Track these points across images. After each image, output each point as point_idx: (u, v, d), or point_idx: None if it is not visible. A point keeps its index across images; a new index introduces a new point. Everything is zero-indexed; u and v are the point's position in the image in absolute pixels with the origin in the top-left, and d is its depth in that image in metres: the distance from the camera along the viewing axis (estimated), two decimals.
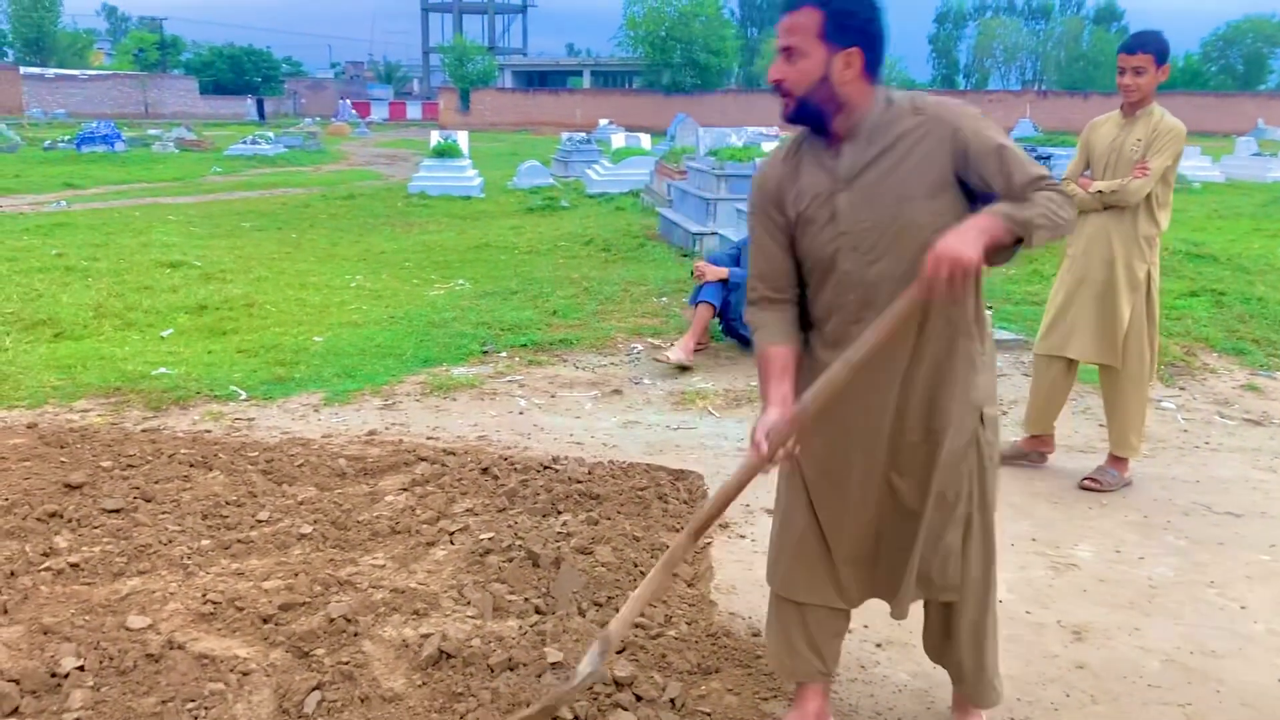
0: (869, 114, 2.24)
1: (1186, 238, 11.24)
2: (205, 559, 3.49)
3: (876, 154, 2.22)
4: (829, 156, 2.27)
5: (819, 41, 2.19)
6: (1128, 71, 4.24)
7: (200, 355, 6.41)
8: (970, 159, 2.17)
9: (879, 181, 2.21)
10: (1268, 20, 63.54)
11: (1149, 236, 4.32)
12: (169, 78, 66.91)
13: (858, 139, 2.24)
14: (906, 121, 2.22)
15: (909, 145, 2.20)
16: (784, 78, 2.23)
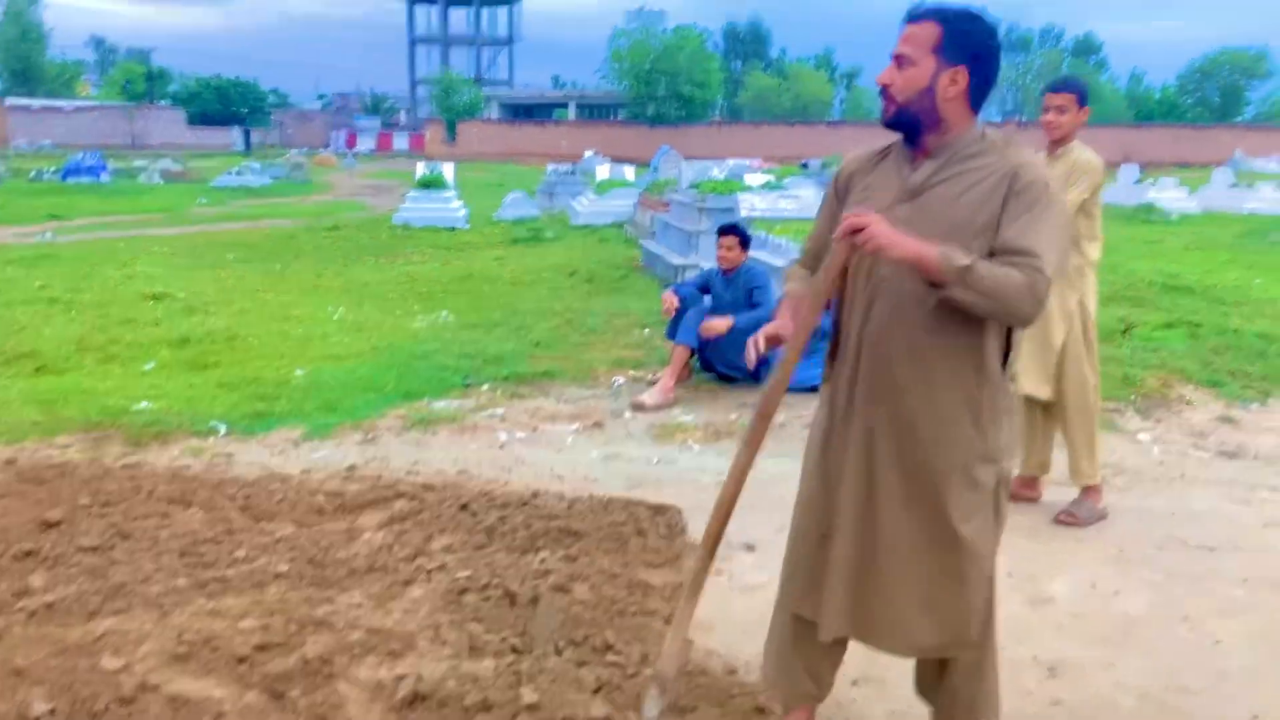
0: (960, 138, 2.34)
1: (1163, 269, 11.37)
2: (181, 598, 3.48)
3: (947, 177, 2.31)
4: (909, 167, 2.38)
5: (931, 54, 2.30)
6: (1050, 110, 4.40)
7: (182, 389, 6.40)
8: (1007, 205, 2.24)
9: (938, 204, 2.30)
10: (1243, 53, 64.47)
11: (1077, 267, 4.39)
12: (156, 109, 67.04)
13: (939, 159, 2.34)
14: (989, 157, 2.31)
15: (977, 179, 2.29)
16: (890, 83, 2.33)
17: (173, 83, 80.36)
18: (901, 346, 2.32)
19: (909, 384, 2.33)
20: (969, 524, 2.36)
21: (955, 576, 2.38)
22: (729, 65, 75.87)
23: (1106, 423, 5.89)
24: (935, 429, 2.34)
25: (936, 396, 2.33)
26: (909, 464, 2.36)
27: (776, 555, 3.93)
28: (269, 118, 77.39)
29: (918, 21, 2.32)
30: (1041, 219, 2.22)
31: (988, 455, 2.37)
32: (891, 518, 2.39)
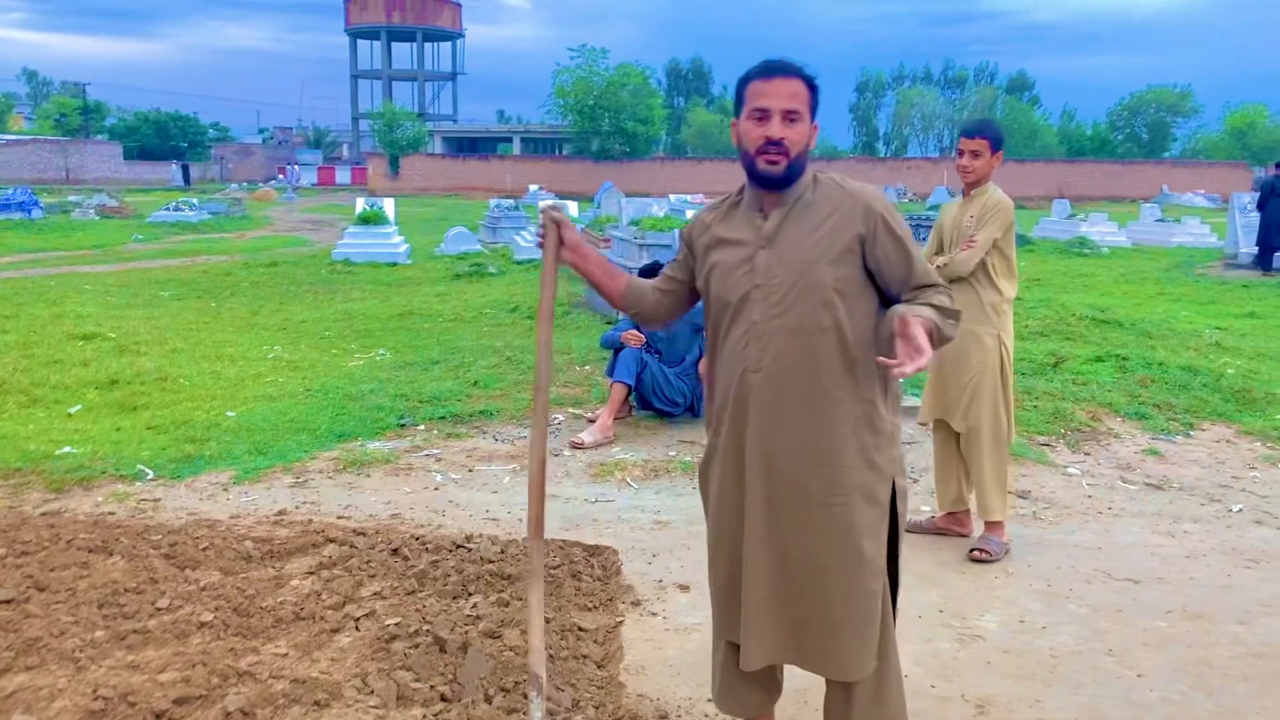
0: (800, 183, 2.50)
1: (1093, 303, 11.62)
2: (99, 651, 3.38)
3: (796, 220, 2.47)
4: (759, 217, 2.51)
5: (809, 111, 2.46)
6: (965, 154, 4.47)
7: (108, 433, 6.26)
8: (878, 240, 2.43)
9: (794, 244, 2.45)
10: (1169, 90, 66.48)
11: (994, 304, 4.46)
12: (92, 143, 65.89)
13: (785, 205, 2.49)
14: (828, 193, 2.49)
15: (824, 215, 2.45)
16: (785, 137, 2.41)
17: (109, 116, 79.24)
18: (791, 380, 2.43)
19: (803, 414, 2.44)
20: (868, 540, 2.46)
21: (860, 593, 2.46)
22: (672, 102, 76.67)
23: (1038, 456, 6.00)
24: (833, 453, 2.44)
25: (831, 423, 2.44)
26: (810, 489, 2.44)
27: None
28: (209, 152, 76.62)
29: (789, 78, 2.43)
30: (911, 246, 2.47)
31: (883, 472, 2.49)
32: (798, 544, 2.47)
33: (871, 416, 2.47)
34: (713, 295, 2.56)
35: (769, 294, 2.44)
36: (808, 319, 2.41)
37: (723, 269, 2.52)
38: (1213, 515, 5.12)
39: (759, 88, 2.43)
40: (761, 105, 2.42)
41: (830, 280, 2.41)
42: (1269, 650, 3.64)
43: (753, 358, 2.45)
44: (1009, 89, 78.34)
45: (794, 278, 2.42)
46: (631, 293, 2.75)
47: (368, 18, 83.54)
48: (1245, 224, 18.32)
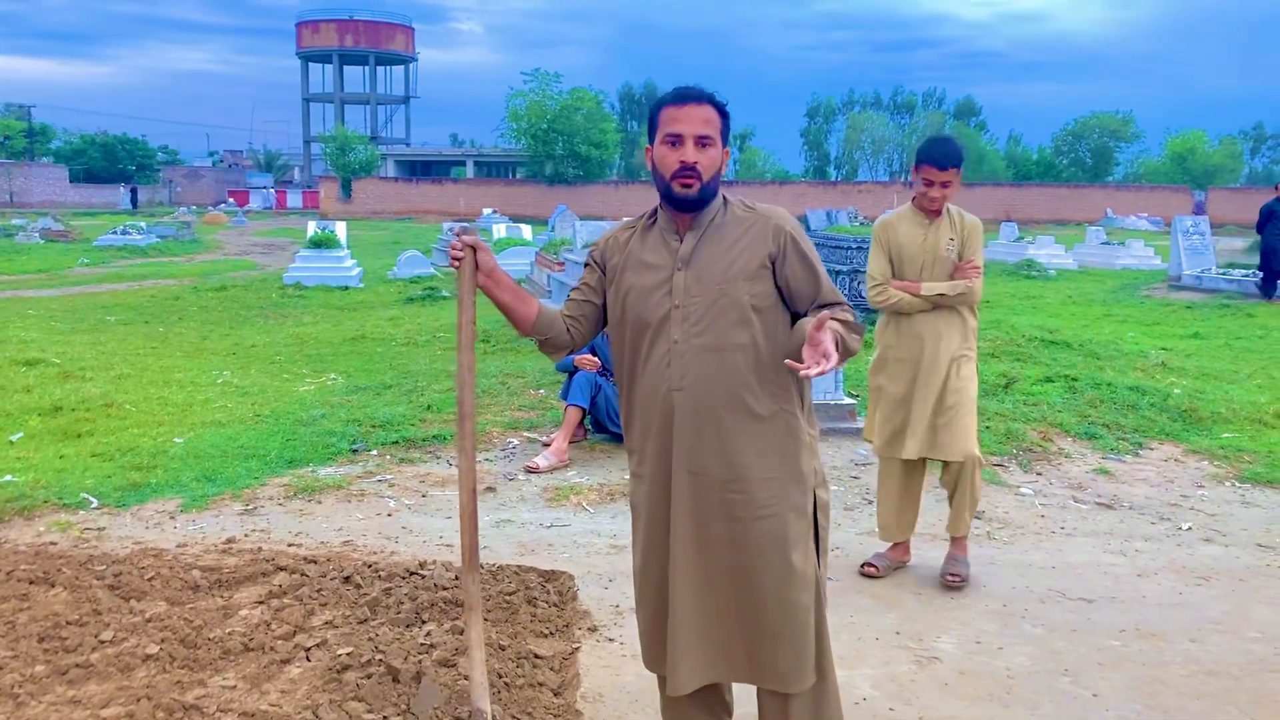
0: (712, 206, 2.57)
1: (1042, 324, 11.79)
2: (39, 687, 3.27)
3: (710, 241, 2.54)
4: (674, 239, 2.56)
5: (720, 136, 2.52)
6: (936, 185, 4.26)
7: (51, 460, 6.10)
8: (787, 257, 2.52)
9: (710, 264, 2.51)
10: (1112, 116, 67.99)
11: (974, 328, 4.46)
12: (36, 166, 64.79)
13: (699, 228, 2.55)
14: (738, 214, 2.57)
15: (737, 235, 2.54)
16: (698, 161, 2.47)
17: (55, 139, 77.98)
18: (713, 397, 2.48)
19: (727, 430, 2.48)
20: (796, 551, 2.51)
21: (793, 604, 2.50)
22: (625, 126, 77.05)
23: (991, 476, 6.04)
24: (759, 466, 2.49)
25: (755, 437, 2.49)
26: (738, 504, 2.49)
27: None
28: (158, 175, 75.65)
29: (700, 104, 2.48)
30: (818, 264, 2.56)
31: (806, 483, 2.55)
32: (728, 560, 2.50)
33: (792, 428, 2.54)
34: (630, 317, 2.58)
35: (688, 314, 2.49)
36: (726, 336, 2.47)
37: (640, 291, 2.56)
38: (1163, 534, 5.19)
39: (672, 114, 2.48)
40: (675, 130, 2.47)
41: (747, 297, 2.48)
42: (1220, 668, 3.68)
43: (674, 377, 2.49)
44: (957, 114, 79.67)
45: (713, 296, 2.48)
46: (541, 320, 2.69)
47: (320, 41, 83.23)
48: (1188, 246, 18.71)
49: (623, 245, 2.65)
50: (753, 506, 2.48)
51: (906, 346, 4.41)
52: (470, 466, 2.75)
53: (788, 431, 2.53)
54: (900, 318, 4.42)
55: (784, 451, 2.52)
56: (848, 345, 2.43)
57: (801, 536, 2.53)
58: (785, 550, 2.49)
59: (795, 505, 2.52)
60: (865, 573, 4.50)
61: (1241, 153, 69.91)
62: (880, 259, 4.42)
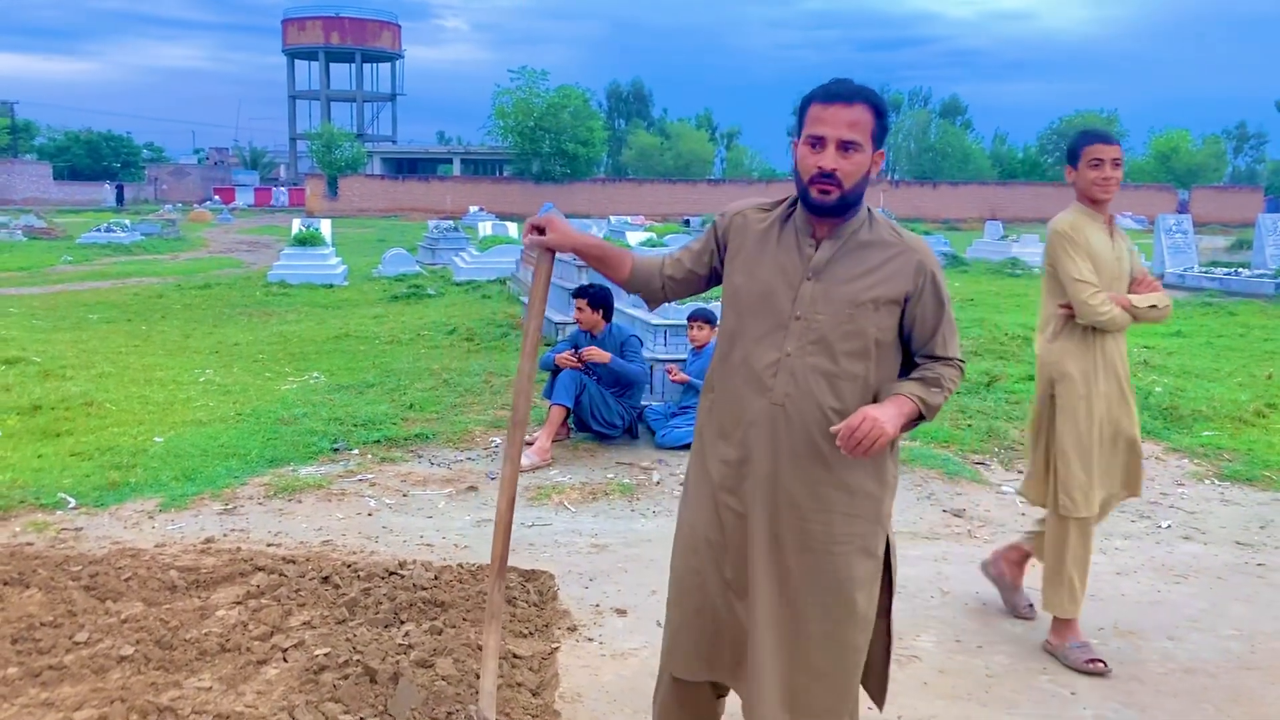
0: (858, 218, 2.39)
1: (1026, 323, 11.83)
2: (11, 689, 3.24)
3: (847, 256, 2.37)
4: (809, 244, 2.39)
5: (870, 140, 2.33)
6: (1107, 162, 3.69)
7: (29, 460, 6.06)
8: (922, 298, 2.38)
9: (843, 282, 2.35)
10: (1096, 115, 68.28)
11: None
12: (20, 163, 64.40)
13: (838, 238, 2.38)
14: (884, 237, 2.39)
15: (879, 260, 2.36)
16: (838, 168, 2.29)
17: (38, 136, 77.52)
18: (814, 421, 2.33)
19: (819, 457, 2.34)
20: (862, 591, 2.38)
21: (846, 645, 2.38)
22: (612, 124, 77.06)
23: (973, 475, 6.06)
24: (842, 500, 2.36)
25: (845, 469, 2.35)
26: (813, 534, 2.36)
27: (649, 619, 3.92)
28: (143, 172, 75.30)
29: (852, 104, 2.29)
30: (951, 317, 2.43)
31: (883, 524, 2.42)
32: (789, 589, 2.37)
33: (881, 467, 2.40)
34: (745, 311, 2.43)
35: (809, 329, 2.34)
36: (844, 364, 2.33)
37: (762, 289, 2.41)
38: (1142, 532, 5.21)
39: (817, 113, 2.31)
40: (817, 133, 2.30)
41: (874, 329, 2.34)
42: (1198, 666, 3.69)
43: (779, 390, 2.34)
44: (942, 113, 79.91)
45: (839, 318, 2.33)
46: (635, 278, 2.63)
47: (305, 38, 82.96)
48: (1171, 245, 18.82)
49: (751, 230, 2.47)
50: (829, 540, 2.35)
51: (1106, 377, 3.72)
52: (513, 475, 2.68)
53: (877, 470, 2.39)
54: (1094, 342, 3.71)
55: (869, 491, 2.38)
56: (928, 404, 2.34)
57: (869, 578, 2.39)
58: (850, 589, 2.36)
59: (869, 545, 2.38)
60: (1097, 669, 3.62)
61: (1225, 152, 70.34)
62: (1084, 265, 3.66)
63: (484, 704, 2.66)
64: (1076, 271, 3.65)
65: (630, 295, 2.80)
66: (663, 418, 6.80)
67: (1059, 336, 3.75)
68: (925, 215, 50.85)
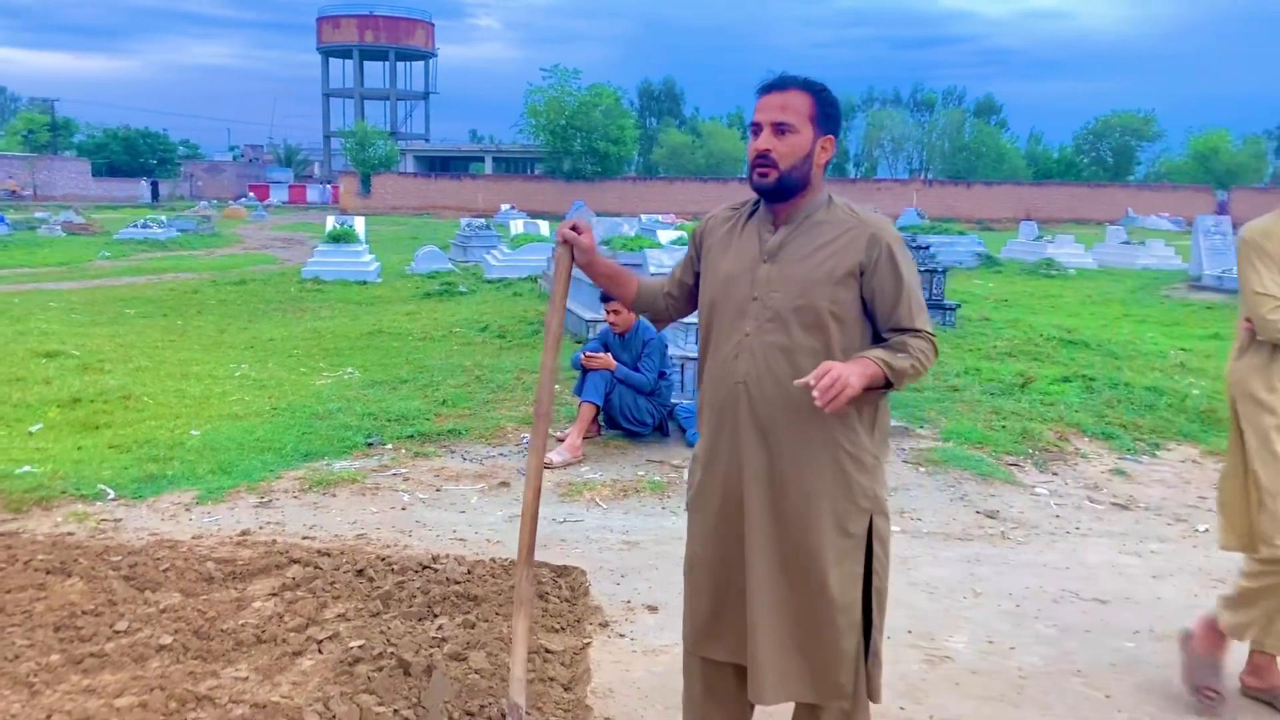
0: (812, 202, 2.50)
1: (1060, 324, 11.73)
2: (54, 675, 3.30)
3: (802, 237, 2.47)
4: (767, 231, 2.51)
5: (809, 123, 2.44)
6: None
7: (69, 451, 6.15)
8: (877, 270, 2.42)
9: (796, 261, 2.44)
10: (1133, 115, 67.48)
11: None
12: (60, 159, 65.27)
13: (794, 222, 2.49)
14: (839, 217, 2.48)
15: (831, 236, 2.45)
16: (772, 149, 2.42)
17: (78, 133, 78.55)
18: (775, 398, 2.42)
19: (783, 433, 2.42)
20: (835, 569, 2.43)
21: (825, 624, 2.43)
22: (644, 122, 77.00)
23: (1006, 476, 6.02)
24: (809, 475, 2.42)
25: (810, 445, 2.42)
26: (784, 512, 2.43)
27: (680, 616, 3.90)
28: (179, 169, 76.08)
29: (786, 90, 2.44)
30: (913, 287, 2.44)
31: (858, 504, 2.45)
32: (765, 566, 2.45)
33: (854, 445, 2.44)
34: (710, 303, 2.57)
35: (764, 308, 2.44)
36: (798, 338, 2.41)
37: (724, 277, 2.53)
38: (1179, 535, 5.15)
39: (756, 105, 2.47)
40: (754, 120, 2.45)
41: (826, 303, 2.40)
42: (1235, 670, 3.65)
43: (741, 369, 2.45)
44: (977, 112, 79.19)
45: (792, 295, 2.42)
46: (641, 299, 2.82)
47: (340, 37, 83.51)
48: (1209, 246, 18.57)
49: (719, 228, 2.62)
50: (795, 515, 2.42)
51: None
52: (538, 466, 2.77)
53: (848, 447, 2.43)
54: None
55: (839, 466, 2.42)
56: (893, 366, 2.34)
57: (843, 556, 2.43)
58: (821, 564, 2.41)
59: (840, 524, 2.42)
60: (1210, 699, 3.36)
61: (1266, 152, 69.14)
62: (1267, 273, 3.26)
63: (514, 690, 2.69)
64: (1258, 283, 3.26)
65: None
66: (693, 415, 6.79)
67: (1244, 354, 3.41)
68: (959, 215, 50.44)
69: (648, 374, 6.57)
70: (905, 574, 4.54)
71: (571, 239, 2.72)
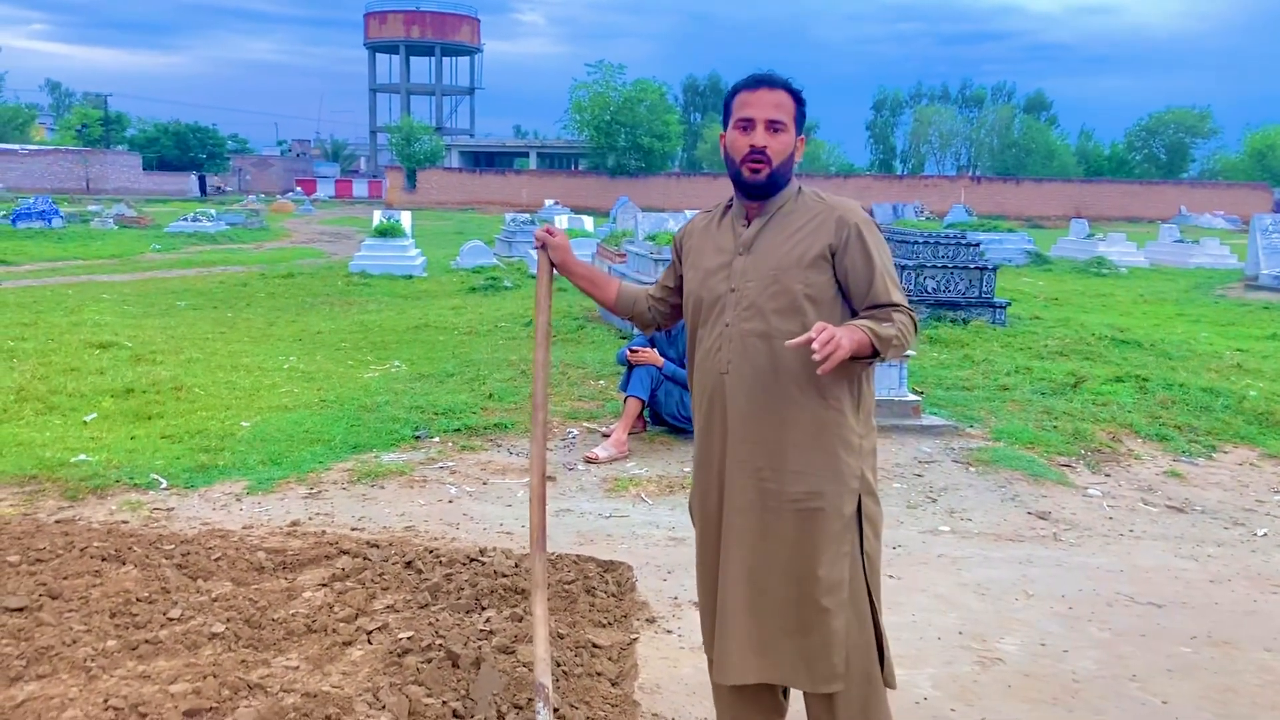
0: (783, 193, 2.56)
1: (1112, 323, 11.54)
2: (110, 661, 3.35)
3: (775, 228, 2.53)
4: (741, 225, 2.57)
5: (793, 122, 2.52)
6: None
7: (123, 441, 6.25)
8: (848, 250, 2.46)
9: (769, 250, 2.51)
10: (1188, 111, 66.25)
11: None
12: (112, 154, 66.42)
13: (766, 214, 2.55)
14: (808, 204, 2.55)
15: (801, 223, 2.51)
16: (768, 145, 2.47)
17: (129, 127, 79.84)
18: (757, 383, 2.46)
19: (766, 418, 2.46)
20: (826, 552, 2.43)
21: (813, 606, 2.43)
22: (688, 118, 76.82)
23: (1058, 477, 5.93)
24: (793, 458, 2.44)
25: (793, 427, 2.44)
26: (769, 493, 2.46)
27: None
28: (228, 164, 77.11)
29: (773, 89, 2.49)
30: (885, 265, 2.48)
31: (846, 484, 2.45)
32: (762, 550, 2.47)
33: (839, 425, 2.46)
34: (693, 301, 2.63)
35: (741, 298, 2.49)
36: (774, 324, 2.45)
37: (703, 274, 2.59)
38: (1237, 539, 5.05)
39: (745, 98, 2.50)
40: (746, 115, 2.48)
41: (800, 286, 2.45)
42: None
43: (723, 360, 2.50)
44: (1027, 108, 78.13)
45: (765, 283, 2.47)
46: (621, 302, 2.90)
47: (387, 32, 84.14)
48: (1266, 245, 18.18)
49: (697, 231, 2.70)
50: (783, 498, 2.44)
51: None
52: (541, 454, 2.87)
53: (833, 428, 2.45)
54: None
55: (825, 448, 2.44)
56: (879, 334, 2.33)
57: (833, 538, 2.43)
58: (809, 548, 2.43)
59: (830, 504, 2.43)
60: None
61: None
62: None
63: (539, 670, 2.72)
64: None
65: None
66: None
67: None
68: (1008, 212, 49.82)
69: None
70: (955, 574, 4.49)
71: (545, 240, 2.85)
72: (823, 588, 2.42)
